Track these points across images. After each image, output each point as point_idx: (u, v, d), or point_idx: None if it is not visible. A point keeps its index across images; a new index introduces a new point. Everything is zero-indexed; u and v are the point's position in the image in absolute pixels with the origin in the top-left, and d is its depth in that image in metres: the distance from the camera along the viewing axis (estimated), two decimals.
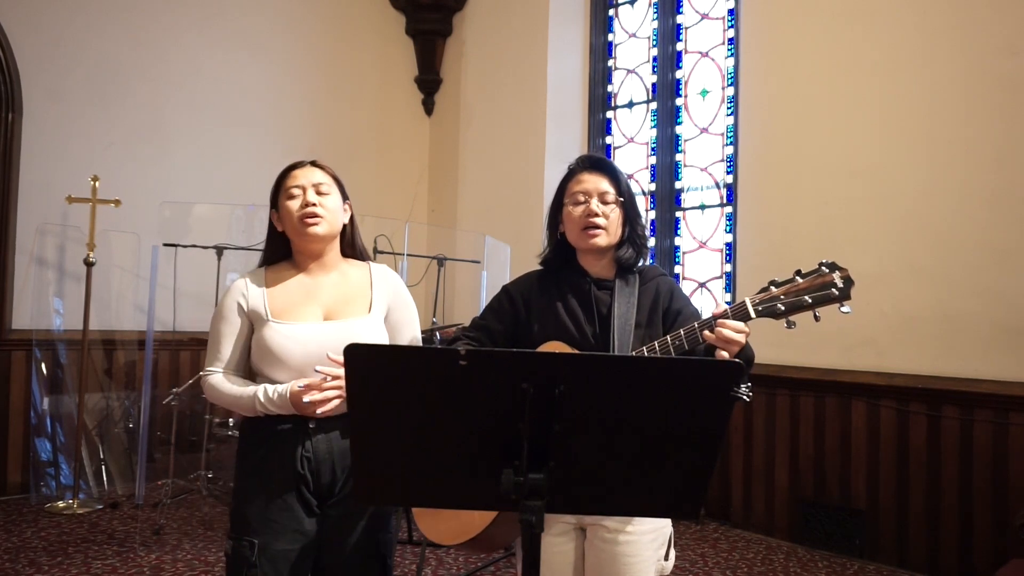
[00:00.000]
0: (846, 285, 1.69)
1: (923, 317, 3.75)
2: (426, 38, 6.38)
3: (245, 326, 1.92)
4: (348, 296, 1.95)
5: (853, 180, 4.01)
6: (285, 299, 1.92)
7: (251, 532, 1.82)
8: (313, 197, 1.90)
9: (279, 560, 1.82)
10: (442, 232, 6.10)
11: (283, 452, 1.85)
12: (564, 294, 1.95)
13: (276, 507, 1.83)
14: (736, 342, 1.67)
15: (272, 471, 1.85)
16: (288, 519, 1.83)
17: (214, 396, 1.91)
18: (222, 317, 1.93)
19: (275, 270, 1.98)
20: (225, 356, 1.92)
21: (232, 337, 1.92)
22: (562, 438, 1.22)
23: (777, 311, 1.71)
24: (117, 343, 4.99)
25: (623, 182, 1.96)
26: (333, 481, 1.87)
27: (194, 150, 5.32)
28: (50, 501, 4.52)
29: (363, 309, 1.94)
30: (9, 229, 4.71)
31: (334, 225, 1.94)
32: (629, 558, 1.80)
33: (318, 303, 1.93)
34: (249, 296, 1.92)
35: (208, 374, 1.93)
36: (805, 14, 4.24)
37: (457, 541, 1.87)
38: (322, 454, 1.85)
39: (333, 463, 1.86)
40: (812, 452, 4.08)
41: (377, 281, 2.00)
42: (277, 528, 1.82)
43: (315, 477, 1.85)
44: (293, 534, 1.84)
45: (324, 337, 1.86)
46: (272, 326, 1.87)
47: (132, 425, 4.93)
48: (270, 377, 1.88)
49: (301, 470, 1.84)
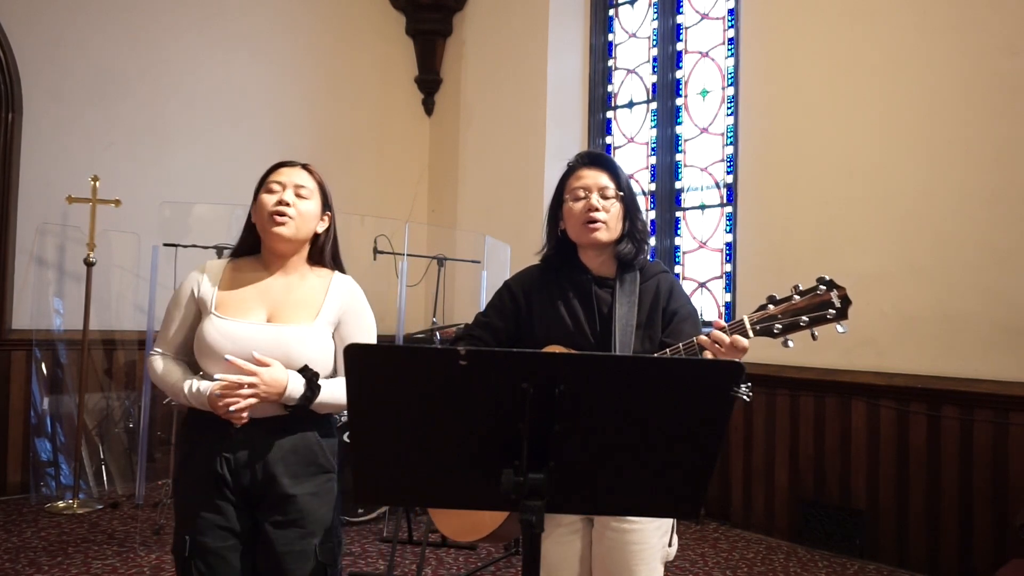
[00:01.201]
0: (843, 305, 1.69)
1: (923, 317, 3.75)
2: (426, 38, 6.38)
3: (193, 313, 1.94)
4: (298, 301, 1.93)
5: (853, 180, 4.01)
6: (236, 295, 1.91)
7: (184, 527, 1.84)
8: (289, 197, 1.90)
9: (210, 557, 1.82)
10: (442, 232, 6.10)
11: (205, 449, 1.85)
12: (565, 292, 1.95)
13: (201, 503, 1.84)
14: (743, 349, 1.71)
15: (197, 467, 1.86)
16: (214, 516, 1.83)
17: (154, 378, 1.95)
18: (175, 302, 1.96)
19: (239, 264, 1.98)
20: (169, 338, 1.95)
21: (179, 322, 1.94)
22: (562, 438, 1.22)
23: (774, 331, 1.72)
24: (117, 343, 4.99)
25: (623, 177, 1.97)
26: (254, 485, 1.84)
27: (194, 150, 5.32)
28: (50, 501, 4.52)
29: (309, 316, 1.91)
30: (9, 229, 4.70)
31: (300, 230, 1.92)
32: (637, 546, 1.83)
33: (265, 304, 1.91)
34: (202, 285, 1.93)
35: (152, 355, 1.96)
36: (805, 14, 4.24)
37: (471, 538, 1.88)
38: (241, 456, 1.83)
39: (253, 466, 1.83)
40: (812, 452, 4.08)
41: (333, 291, 1.96)
42: (204, 524, 1.83)
43: (235, 478, 1.83)
44: (220, 531, 1.83)
45: (258, 338, 1.85)
46: (212, 319, 1.87)
47: (132, 425, 4.93)
48: (205, 370, 1.88)
49: (220, 470, 1.83)
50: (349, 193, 5.78)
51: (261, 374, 1.78)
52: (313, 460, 1.88)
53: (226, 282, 1.94)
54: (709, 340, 1.71)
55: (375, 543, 3.97)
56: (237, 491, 1.84)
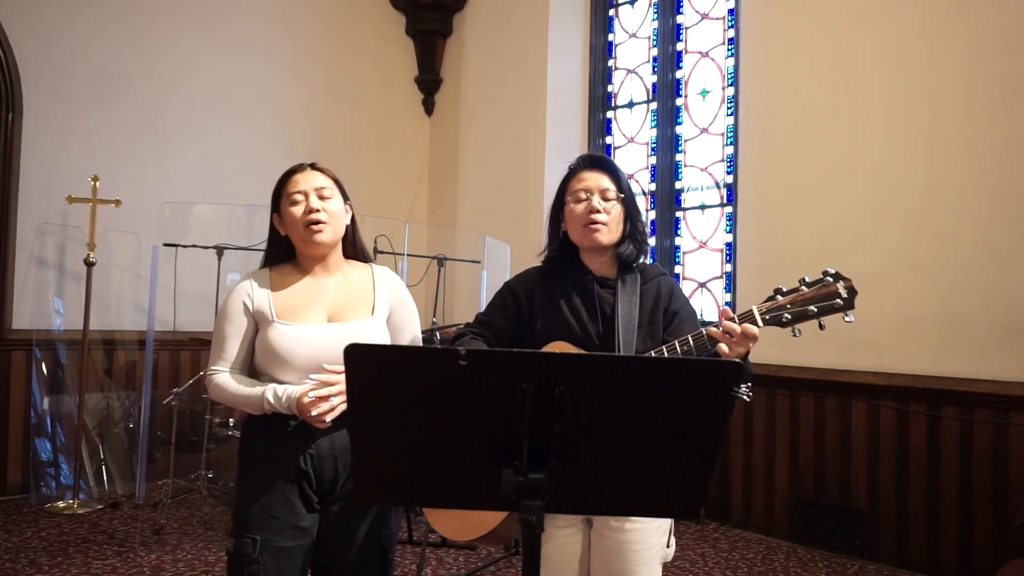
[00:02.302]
0: (850, 295, 1.72)
1: (923, 317, 3.75)
2: (426, 38, 6.38)
3: (250, 326, 1.94)
4: (351, 298, 1.97)
5: (853, 180, 4.01)
6: (290, 300, 1.93)
7: (253, 529, 1.84)
8: (316, 203, 1.91)
9: (280, 557, 1.83)
10: (442, 232, 6.10)
11: (286, 449, 1.86)
12: (567, 292, 1.96)
13: (277, 504, 1.84)
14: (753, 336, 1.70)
15: (274, 468, 1.86)
16: (289, 516, 1.85)
17: (220, 395, 1.92)
18: (227, 317, 1.94)
19: (279, 271, 1.99)
20: (231, 356, 1.93)
21: (238, 337, 1.93)
22: (562, 438, 1.23)
23: (783, 320, 1.75)
24: (117, 343, 4.99)
25: (623, 180, 1.99)
26: (335, 478, 1.89)
27: (194, 150, 5.32)
28: (50, 501, 4.52)
29: (366, 311, 1.97)
30: (9, 229, 4.71)
31: (338, 230, 1.96)
32: (636, 545, 1.83)
33: (322, 305, 1.94)
34: (255, 297, 1.93)
35: (214, 373, 1.94)
36: (805, 14, 4.24)
37: (470, 538, 1.88)
38: (324, 451, 1.87)
39: (336, 460, 1.88)
40: (812, 452, 4.08)
41: (379, 283, 2.02)
42: (278, 525, 1.84)
43: (317, 474, 1.87)
44: (294, 531, 1.85)
45: (328, 338, 1.88)
46: (277, 327, 1.89)
47: (132, 425, 4.93)
48: (275, 377, 1.89)
49: (304, 466, 1.85)
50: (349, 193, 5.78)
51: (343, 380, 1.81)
52: None
53: (276, 289, 1.95)
54: (720, 331, 1.72)
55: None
56: (319, 486, 1.88)
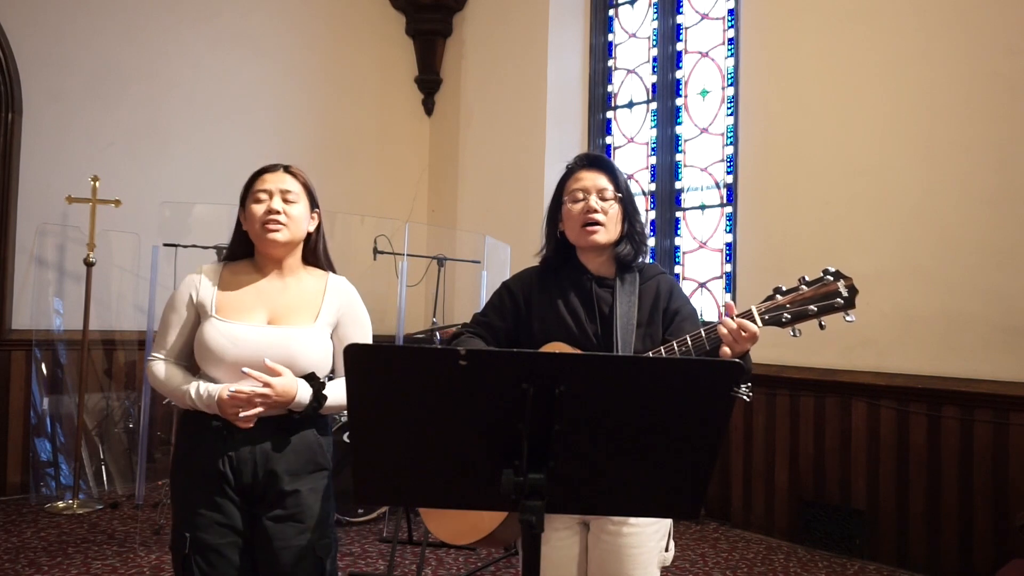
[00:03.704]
0: (851, 294, 1.70)
1: (923, 317, 3.75)
2: (426, 38, 6.38)
3: (192, 317, 1.95)
4: (297, 303, 1.96)
5: (853, 180, 4.01)
6: (235, 298, 1.94)
7: (184, 526, 1.86)
8: (278, 204, 1.92)
9: (210, 554, 1.84)
10: (442, 232, 6.10)
11: (207, 448, 1.87)
12: (565, 292, 1.95)
13: (201, 501, 1.86)
14: (752, 335, 1.69)
15: (197, 466, 1.88)
16: (214, 513, 1.85)
17: (154, 383, 1.96)
18: (172, 306, 1.97)
19: (234, 268, 2.00)
20: (169, 344, 1.96)
21: (178, 327, 1.96)
22: (562, 438, 1.22)
23: (783, 320, 1.73)
24: (117, 343, 4.99)
25: (621, 179, 1.98)
26: (255, 483, 1.87)
27: (194, 150, 5.31)
28: (50, 501, 4.51)
29: (309, 318, 1.95)
30: (9, 229, 4.70)
31: (295, 234, 1.96)
32: (633, 550, 1.82)
33: (265, 306, 1.94)
34: (200, 289, 1.95)
35: (152, 360, 1.97)
36: (805, 14, 4.24)
37: (467, 540, 1.87)
38: (244, 454, 1.86)
39: (255, 465, 1.87)
40: (812, 452, 4.08)
41: (331, 292, 2.00)
42: (204, 521, 1.85)
43: (236, 476, 1.86)
44: (220, 528, 1.85)
45: (261, 340, 1.88)
46: (213, 322, 1.89)
47: (132, 425, 4.92)
48: (207, 373, 1.90)
49: (222, 468, 1.85)
50: (349, 193, 5.79)
51: (274, 384, 1.81)
52: (312, 458, 1.92)
53: (224, 285, 1.96)
54: (722, 328, 1.70)
55: (375, 543, 3.97)
56: (239, 489, 1.87)
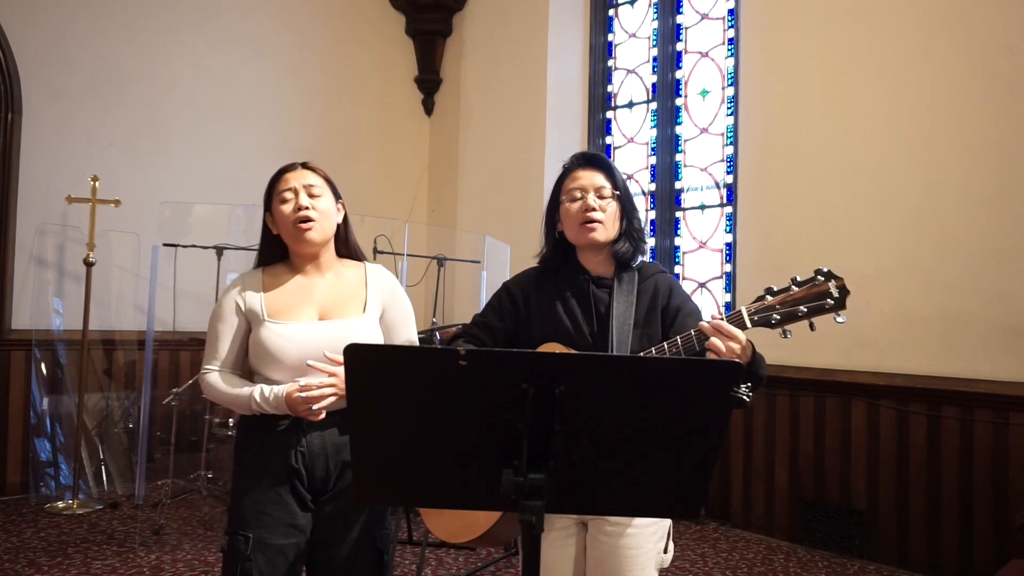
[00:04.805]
0: (842, 295, 1.69)
1: (923, 317, 3.75)
2: (426, 38, 6.38)
3: (242, 325, 1.95)
4: (343, 296, 1.97)
5: (853, 180, 4.01)
6: (281, 299, 1.94)
7: (246, 526, 1.85)
8: (305, 200, 1.92)
9: (273, 554, 1.84)
10: (442, 232, 6.10)
11: (278, 447, 1.87)
12: (563, 293, 1.95)
13: (270, 502, 1.86)
14: (735, 338, 1.67)
15: (267, 466, 1.88)
16: (282, 513, 1.86)
17: (212, 394, 1.95)
18: (220, 317, 1.96)
19: (272, 271, 2.01)
20: (223, 355, 1.95)
21: (230, 336, 1.95)
22: (562, 438, 1.22)
23: (772, 321, 1.72)
24: (117, 343, 4.99)
25: (618, 177, 1.97)
26: (327, 476, 1.89)
27: (194, 150, 5.32)
28: (50, 501, 4.51)
29: (358, 309, 1.97)
30: (9, 229, 4.70)
31: (328, 228, 1.96)
32: (631, 551, 1.82)
33: (313, 303, 1.95)
34: (246, 296, 1.95)
35: (206, 372, 1.96)
36: (805, 14, 4.24)
37: (464, 539, 1.87)
38: (316, 448, 1.88)
39: (327, 458, 1.89)
40: (812, 452, 4.08)
41: (372, 281, 2.02)
42: (271, 522, 1.85)
43: (309, 472, 1.87)
44: (287, 528, 1.86)
45: (319, 336, 1.89)
46: (268, 326, 1.90)
47: (132, 425, 4.93)
48: (267, 376, 1.90)
49: (295, 464, 1.86)
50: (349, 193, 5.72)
51: (340, 374, 1.81)
52: None
53: (268, 289, 1.97)
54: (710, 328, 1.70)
55: None
56: (311, 483, 1.88)
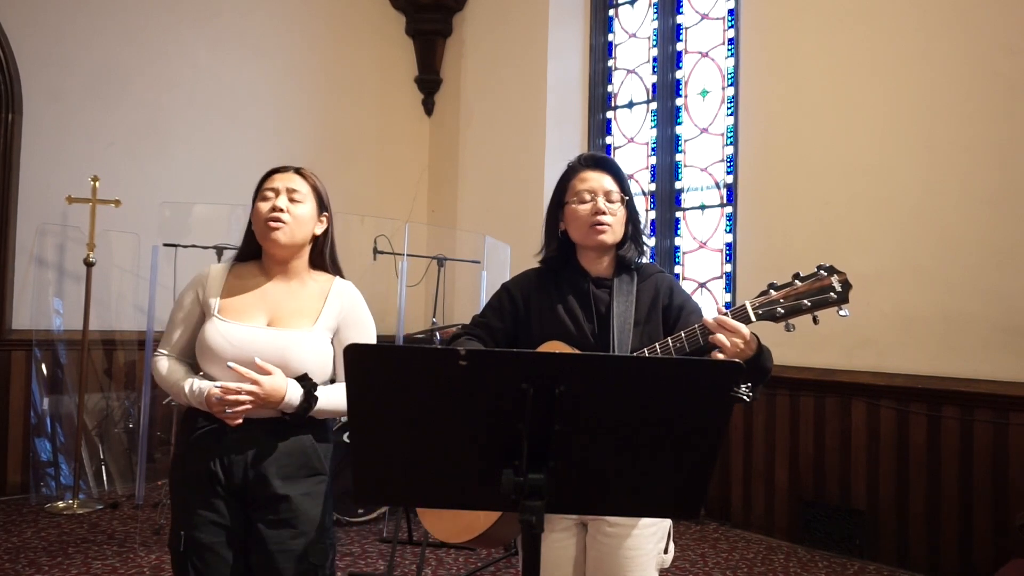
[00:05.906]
0: (844, 289, 1.70)
1: (923, 317, 3.75)
2: (426, 38, 6.38)
3: (196, 316, 1.97)
4: (297, 307, 1.95)
5: (853, 180, 4.01)
6: (238, 299, 1.95)
7: (179, 524, 1.88)
8: (283, 203, 1.92)
9: (205, 553, 1.85)
10: (442, 232, 6.10)
11: (202, 448, 1.88)
12: (563, 293, 1.95)
13: (195, 499, 1.88)
14: (739, 333, 1.67)
15: (192, 465, 1.89)
16: (208, 512, 1.86)
17: (157, 379, 1.99)
18: (179, 304, 2.00)
19: (240, 269, 2.01)
20: (173, 340, 1.99)
21: (183, 324, 1.99)
22: (562, 438, 1.22)
23: (776, 314, 1.73)
24: (117, 343, 4.99)
25: (625, 181, 1.99)
26: (246, 484, 1.87)
27: (194, 150, 5.31)
28: (50, 501, 4.51)
29: (308, 322, 1.94)
30: (9, 229, 4.70)
31: (297, 234, 1.94)
32: (631, 551, 1.82)
33: (266, 309, 1.94)
34: (206, 288, 1.97)
35: (156, 356, 2.00)
36: (805, 14, 4.24)
37: (462, 539, 1.87)
38: (234, 455, 1.86)
39: (246, 464, 1.86)
40: (812, 452, 4.08)
41: (333, 296, 1.99)
42: (198, 520, 1.86)
43: (227, 477, 1.87)
44: (212, 527, 1.86)
45: (259, 341, 1.88)
46: (215, 322, 1.90)
47: (132, 425, 4.92)
48: (205, 370, 1.92)
49: (213, 468, 1.86)
50: (349, 193, 5.78)
51: (262, 382, 1.81)
52: (306, 463, 1.91)
53: (229, 286, 1.97)
54: (714, 324, 1.70)
55: (375, 543, 3.97)
56: (229, 490, 1.87)
